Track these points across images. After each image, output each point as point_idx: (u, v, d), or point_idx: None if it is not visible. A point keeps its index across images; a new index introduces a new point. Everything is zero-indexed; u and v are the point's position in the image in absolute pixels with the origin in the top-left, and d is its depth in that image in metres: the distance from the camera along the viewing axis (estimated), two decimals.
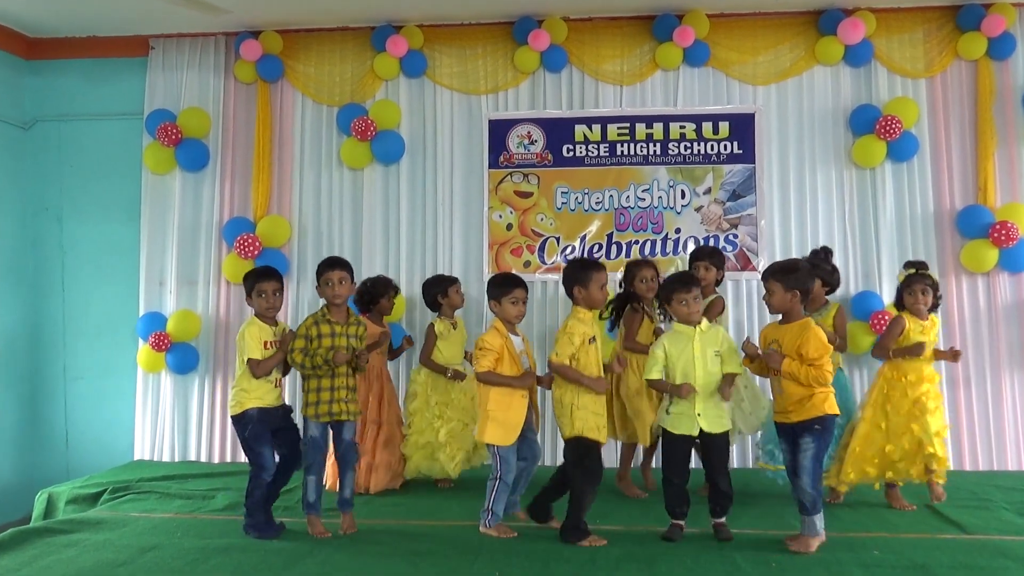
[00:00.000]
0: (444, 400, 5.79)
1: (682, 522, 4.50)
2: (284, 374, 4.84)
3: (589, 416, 4.43)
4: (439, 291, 5.94)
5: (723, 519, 4.51)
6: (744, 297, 6.67)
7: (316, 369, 4.60)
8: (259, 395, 4.66)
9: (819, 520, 4.27)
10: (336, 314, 4.72)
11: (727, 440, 4.62)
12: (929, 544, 4.34)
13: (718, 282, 5.65)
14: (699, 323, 4.52)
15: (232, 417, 4.73)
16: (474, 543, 4.44)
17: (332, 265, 4.77)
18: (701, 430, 4.44)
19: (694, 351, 4.45)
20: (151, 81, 7.15)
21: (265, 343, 4.66)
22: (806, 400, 4.24)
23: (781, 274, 4.33)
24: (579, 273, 4.54)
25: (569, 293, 4.59)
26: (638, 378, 5.24)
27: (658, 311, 5.48)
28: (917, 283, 4.98)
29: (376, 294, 6.03)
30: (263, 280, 4.72)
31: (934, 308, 5.12)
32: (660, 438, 4.95)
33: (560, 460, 4.75)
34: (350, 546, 4.46)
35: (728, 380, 4.47)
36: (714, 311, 5.40)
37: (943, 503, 5.10)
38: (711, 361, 4.46)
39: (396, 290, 6.18)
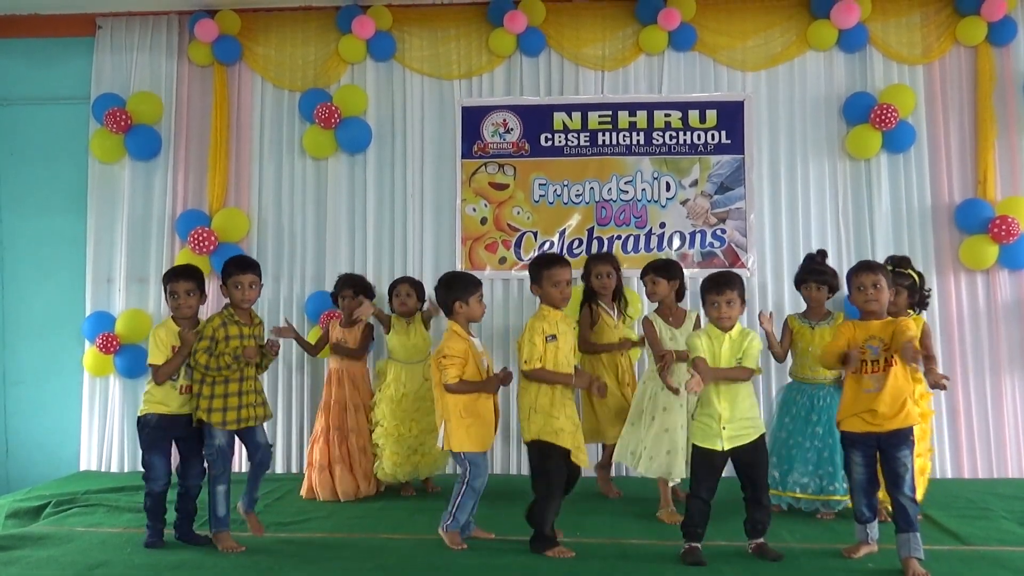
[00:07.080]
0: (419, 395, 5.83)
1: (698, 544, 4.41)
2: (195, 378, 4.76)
3: (546, 419, 4.49)
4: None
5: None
6: None
7: (222, 371, 4.61)
8: (162, 400, 4.70)
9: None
10: (242, 316, 4.75)
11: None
12: (925, 555, 4.36)
13: (680, 296, 5.45)
14: (731, 329, 4.38)
15: (136, 419, 4.79)
16: (443, 559, 4.46)
17: (243, 267, 4.75)
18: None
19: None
20: (98, 63, 7.10)
21: (173, 347, 4.68)
22: (904, 405, 4.22)
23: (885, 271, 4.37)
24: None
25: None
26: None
27: (614, 310, 5.60)
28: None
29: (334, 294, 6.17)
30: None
31: (919, 306, 5.17)
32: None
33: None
34: (313, 561, 4.46)
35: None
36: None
37: (941, 511, 5.24)
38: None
39: (357, 287, 6.08)
